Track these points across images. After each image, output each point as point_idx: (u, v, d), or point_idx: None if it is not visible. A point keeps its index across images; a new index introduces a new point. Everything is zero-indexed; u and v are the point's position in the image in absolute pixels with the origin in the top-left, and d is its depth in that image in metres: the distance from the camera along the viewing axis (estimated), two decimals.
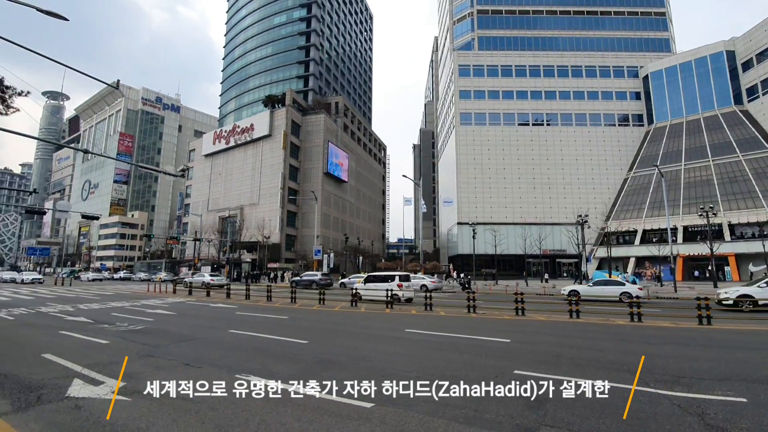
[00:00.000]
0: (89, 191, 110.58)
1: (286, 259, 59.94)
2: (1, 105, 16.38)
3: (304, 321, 14.10)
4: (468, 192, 62.50)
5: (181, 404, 5.26)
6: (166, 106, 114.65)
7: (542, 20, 70.19)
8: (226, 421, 4.70)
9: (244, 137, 68.14)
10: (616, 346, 9.43)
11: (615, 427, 4.55)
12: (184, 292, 27.58)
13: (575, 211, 49.93)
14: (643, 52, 67.50)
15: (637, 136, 64.05)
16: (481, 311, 15.97)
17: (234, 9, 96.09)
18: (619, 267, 50.57)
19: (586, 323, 13.12)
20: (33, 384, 6.11)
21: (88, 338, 10.21)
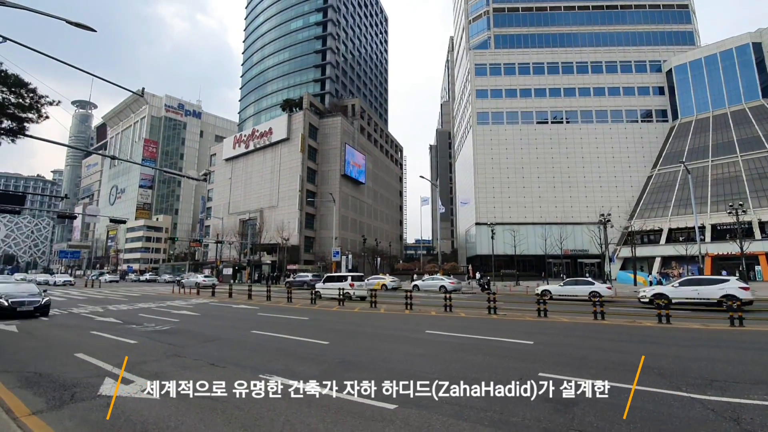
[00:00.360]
0: (116, 196, 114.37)
1: (305, 261, 60.55)
2: (34, 114, 17.11)
3: (324, 322, 14.22)
4: (486, 192, 61.82)
5: (208, 403, 5.38)
6: (188, 113, 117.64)
7: (560, 16, 68.93)
8: (252, 421, 4.78)
9: (263, 141, 69.25)
10: (644, 348, 9.16)
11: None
12: (207, 294, 28.21)
13: (597, 210, 48.62)
14: (665, 46, 65.45)
15: (661, 132, 62.10)
16: (502, 312, 15.76)
17: (252, 15, 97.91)
18: (644, 267, 49.09)
19: (612, 325, 12.79)
20: (67, 383, 6.35)
21: (117, 338, 10.55)
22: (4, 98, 16.52)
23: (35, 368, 7.33)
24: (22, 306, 14.81)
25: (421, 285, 32.80)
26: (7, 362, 7.95)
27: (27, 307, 14.95)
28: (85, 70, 13.07)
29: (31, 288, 16.96)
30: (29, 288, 16.93)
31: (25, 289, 16.60)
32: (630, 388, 5.83)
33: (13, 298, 14.79)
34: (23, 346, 9.94)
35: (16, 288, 16.52)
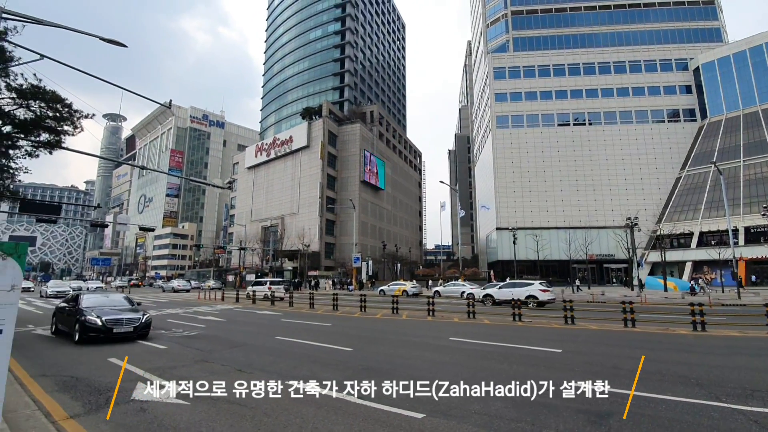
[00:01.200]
0: (145, 205, 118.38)
1: (325, 267, 60.99)
2: (70, 127, 17.93)
3: (347, 328, 14.24)
4: (507, 196, 60.94)
5: (237, 409, 5.45)
6: (212, 123, 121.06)
7: (580, 17, 67.79)
8: (280, 428, 4.81)
9: (283, 149, 70.47)
10: (679, 357, 8.79)
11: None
12: (231, 299, 28.74)
13: (623, 214, 47.20)
14: (692, 44, 63.37)
15: (690, 132, 59.93)
16: (527, 319, 15.44)
17: (272, 27, 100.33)
18: (674, 272, 47.27)
19: (644, 332, 12.34)
20: (102, 387, 6.56)
21: (148, 343, 10.85)
22: (42, 113, 17.40)
23: (72, 372, 7.60)
24: (119, 326, 11.00)
25: (443, 291, 32.28)
26: (45, 366, 8.27)
27: (125, 327, 11.06)
28: (117, 85, 13.66)
29: (121, 300, 13.02)
30: (118, 300, 12.96)
31: (115, 301, 12.75)
32: (666, 399, 5.61)
33: (107, 316, 11.01)
34: (60, 350, 10.33)
35: (105, 300, 12.73)
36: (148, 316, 11.77)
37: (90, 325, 10.65)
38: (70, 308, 11.97)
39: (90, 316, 10.80)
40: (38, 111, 17.17)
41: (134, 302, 13.33)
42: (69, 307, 12.06)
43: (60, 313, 12.65)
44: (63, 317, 12.27)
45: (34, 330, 13.95)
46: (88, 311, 11.10)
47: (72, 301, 12.35)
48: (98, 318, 10.79)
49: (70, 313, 11.75)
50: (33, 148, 18.11)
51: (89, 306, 11.56)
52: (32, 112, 17.08)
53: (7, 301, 3.64)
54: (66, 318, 11.97)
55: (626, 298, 22.73)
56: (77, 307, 11.48)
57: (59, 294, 33.12)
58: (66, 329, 11.86)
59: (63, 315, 12.32)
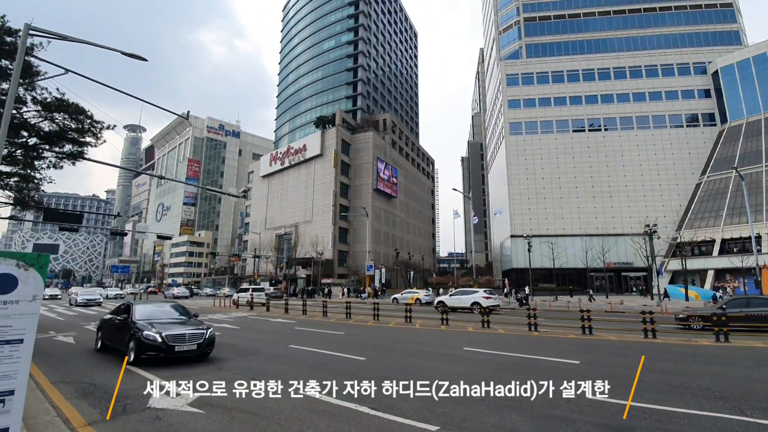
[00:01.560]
0: (162, 213, 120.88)
1: (339, 275, 61.10)
2: (92, 138, 18.52)
3: (360, 337, 14.19)
4: (521, 203, 60.26)
5: (250, 418, 5.47)
6: (228, 133, 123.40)
7: (594, 22, 67.21)
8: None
9: (297, 158, 71.31)
10: (701, 368, 8.51)
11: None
12: (245, 307, 28.99)
13: (641, 221, 46.10)
14: (710, 47, 62.07)
15: (709, 136, 58.48)
16: (543, 329, 15.15)
17: (287, 38, 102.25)
18: (695, 280, 45.87)
19: (664, 343, 11.99)
20: (119, 394, 6.64)
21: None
22: (66, 125, 18.02)
23: (91, 379, 7.75)
24: (181, 343, 9.20)
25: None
26: (66, 372, 8.46)
27: (188, 344, 9.25)
28: (137, 97, 14.06)
29: (176, 311, 11.15)
30: (174, 311, 11.09)
31: (170, 313, 10.93)
32: (688, 413, 5.42)
33: (167, 331, 9.25)
34: (79, 357, 10.55)
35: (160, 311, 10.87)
36: (212, 331, 9.88)
37: (148, 342, 8.89)
38: (120, 321, 10.28)
39: (148, 332, 9.06)
40: (62, 123, 17.79)
41: (191, 313, 11.29)
42: (119, 320, 10.36)
43: (107, 326, 11.03)
44: (111, 331, 10.66)
45: (56, 336, 14.30)
46: (144, 325, 9.40)
47: (122, 313, 10.64)
48: (158, 334, 9.00)
49: (120, 326, 10.12)
50: (57, 159, 18.74)
51: (143, 318, 9.95)
52: (56, 125, 17.71)
53: (29, 310, 3.74)
54: (115, 333, 10.32)
55: (646, 307, 22.15)
56: (130, 320, 9.84)
57: (89, 302, 32.48)
58: (116, 345, 10.22)
59: (111, 329, 10.70)
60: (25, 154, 18.20)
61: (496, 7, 73.82)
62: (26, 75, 15.66)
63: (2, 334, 3.60)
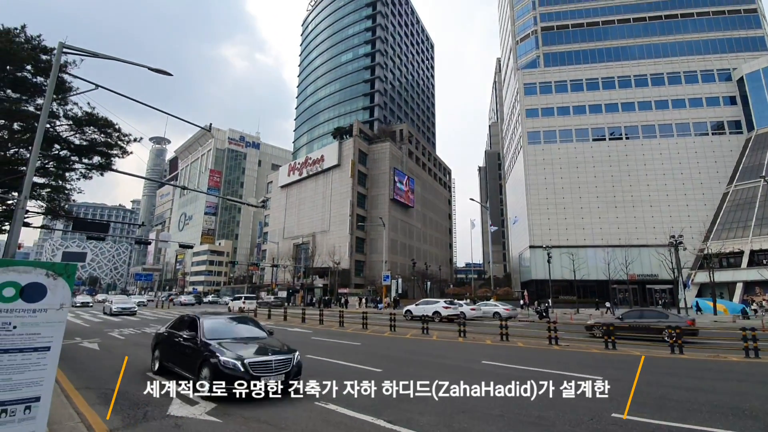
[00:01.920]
0: (185, 223, 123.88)
1: (355, 285, 61.10)
2: (119, 151, 19.25)
3: (376, 348, 14.10)
4: (540, 213, 59.27)
5: (267, 429, 5.49)
6: (248, 144, 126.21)
7: (613, 30, 66.39)
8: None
9: (315, 168, 72.22)
10: (730, 386, 8.14)
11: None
12: (263, 316, 29.23)
13: (666, 232, 44.57)
14: (734, 53, 60.40)
15: (736, 144, 56.50)
16: (564, 343, 14.75)
17: (305, 52, 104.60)
18: (723, 293, 43.96)
19: (692, 359, 11.50)
20: (140, 401, 6.78)
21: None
22: (95, 138, 18.80)
23: (113, 385, 7.91)
24: (268, 372, 7.02)
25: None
26: (89, 379, 8.67)
27: (275, 374, 7.07)
28: (163, 111, 14.55)
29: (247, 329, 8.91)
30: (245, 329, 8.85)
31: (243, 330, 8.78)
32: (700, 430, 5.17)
33: (250, 357, 7.12)
34: (103, 363, 10.82)
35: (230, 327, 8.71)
36: (298, 356, 7.73)
37: (228, 371, 6.78)
38: (185, 340, 8.20)
39: (225, 356, 6.97)
40: (92, 136, 18.57)
41: (267, 330, 9.12)
42: (185, 338, 8.26)
43: (167, 344, 9.02)
44: (173, 352, 8.64)
45: (81, 342, 14.71)
46: (219, 348, 7.29)
47: (186, 328, 8.60)
48: (238, 360, 6.89)
49: (186, 346, 8.08)
50: (87, 170, 19.54)
51: (215, 337, 7.88)
52: (86, 139, 18.48)
53: (57, 319, 3.87)
54: (180, 354, 8.29)
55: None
56: (199, 339, 7.81)
57: (124, 311, 31.12)
58: (180, 369, 8.17)
59: (173, 348, 8.66)
60: (57, 166, 19.03)
61: (513, 17, 73.85)
62: (59, 91, 16.44)
63: (30, 342, 3.74)
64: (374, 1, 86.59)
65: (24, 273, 3.73)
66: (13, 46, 15.52)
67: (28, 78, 17.01)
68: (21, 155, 18.34)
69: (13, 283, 3.67)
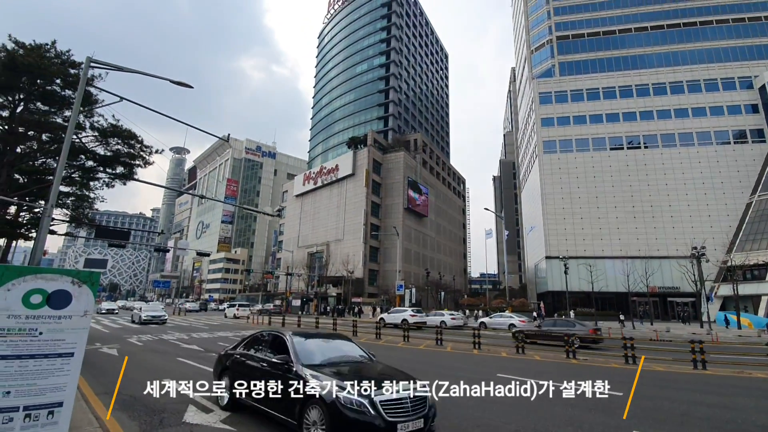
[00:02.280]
0: (202, 231, 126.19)
1: (369, 294, 61.00)
2: (141, 162, 19.85)
3: (390, 359, 13.97)
4: (556, 223, 58.34)
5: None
6: (264, 153, 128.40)
7: (630, 38, 65.64)
8: None
9: (329, 177, 72.89)
10: (755, 403, 7.84)
11: None
12: (277, 324, 29.41)
13: (688, 243, 43.25)
14: (756, 61, 58.87)
15: (759, 153, 54.77)
16: (582, 357, 14.41)
17: (321, 63, 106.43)
18: (748, 307, 42.29)
19: (716, 375, 11.10)
20: (156, 408, 6.89)
21: (199, 366, 11.31)
22: (119, 150, 19.44)
23: (130, 391, 8.05)
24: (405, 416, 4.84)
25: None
26: (109, 384, 8.84)
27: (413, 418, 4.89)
28: (183, 122, 14.97)
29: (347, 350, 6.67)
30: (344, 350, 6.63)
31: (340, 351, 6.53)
32: None
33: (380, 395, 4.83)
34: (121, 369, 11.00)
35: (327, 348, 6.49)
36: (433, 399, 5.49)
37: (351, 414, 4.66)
38: (272, 366, 5.98)
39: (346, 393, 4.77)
40: (115, 147, 19.24)
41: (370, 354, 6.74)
42: (270, 364, 6.06)
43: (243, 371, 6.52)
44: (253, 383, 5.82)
45: (101, 348, 15.04)
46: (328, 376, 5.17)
47: (269, 349, 6.47)
48: (365, 399, 4.75)
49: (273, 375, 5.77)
50: (110, 179, 20.20)
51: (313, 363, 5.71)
52: (110, 150, 19.14)
53: (81, 325, 4.00)
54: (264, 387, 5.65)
55: (695, 336, 20.65)
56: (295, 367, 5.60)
57: (154, 319, 28.75)
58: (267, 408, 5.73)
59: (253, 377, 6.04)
60: (82, 175, 19.72)
61: (528, 27, 73.80)
62: (86, 103, 17.12)
63: (55, 348, 3.86)
64: (389, 13, 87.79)
65: (51, 280, 3.88)
66: (43, 61, 16.26)
67: (57, 91, 17.77)
68: (48, 165, 19.06)
69: (40, 290, 3.81)
